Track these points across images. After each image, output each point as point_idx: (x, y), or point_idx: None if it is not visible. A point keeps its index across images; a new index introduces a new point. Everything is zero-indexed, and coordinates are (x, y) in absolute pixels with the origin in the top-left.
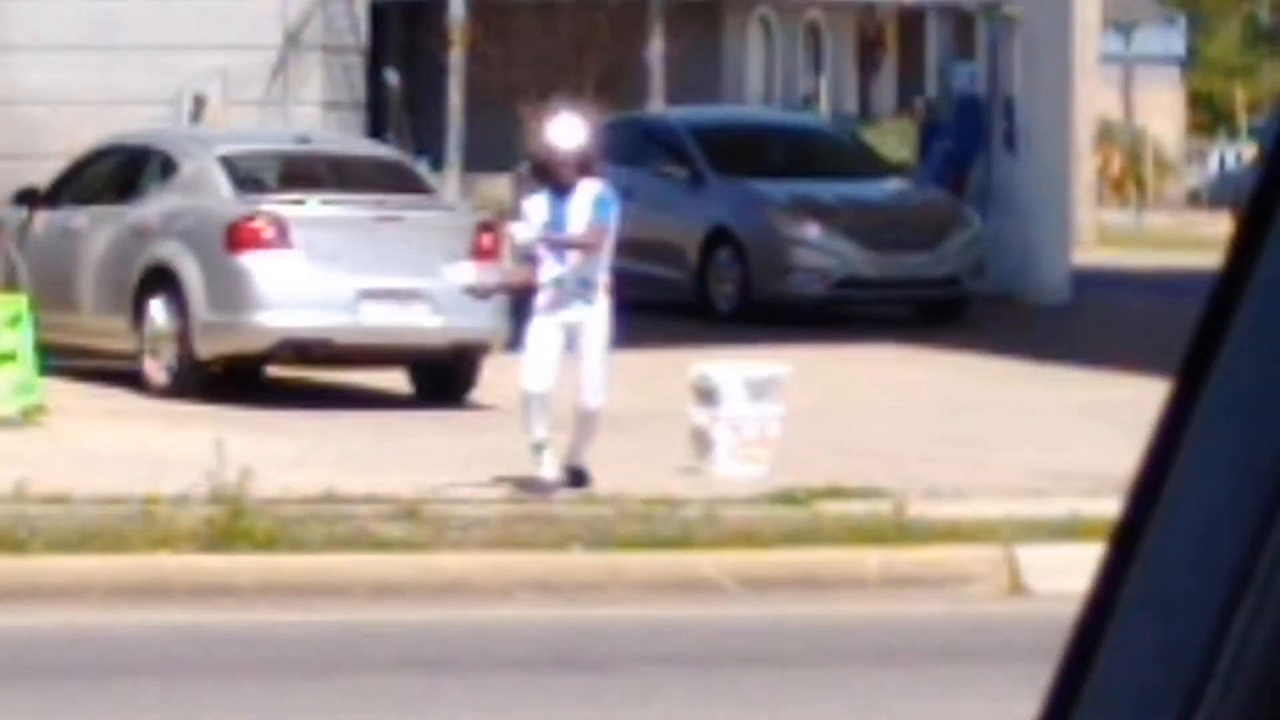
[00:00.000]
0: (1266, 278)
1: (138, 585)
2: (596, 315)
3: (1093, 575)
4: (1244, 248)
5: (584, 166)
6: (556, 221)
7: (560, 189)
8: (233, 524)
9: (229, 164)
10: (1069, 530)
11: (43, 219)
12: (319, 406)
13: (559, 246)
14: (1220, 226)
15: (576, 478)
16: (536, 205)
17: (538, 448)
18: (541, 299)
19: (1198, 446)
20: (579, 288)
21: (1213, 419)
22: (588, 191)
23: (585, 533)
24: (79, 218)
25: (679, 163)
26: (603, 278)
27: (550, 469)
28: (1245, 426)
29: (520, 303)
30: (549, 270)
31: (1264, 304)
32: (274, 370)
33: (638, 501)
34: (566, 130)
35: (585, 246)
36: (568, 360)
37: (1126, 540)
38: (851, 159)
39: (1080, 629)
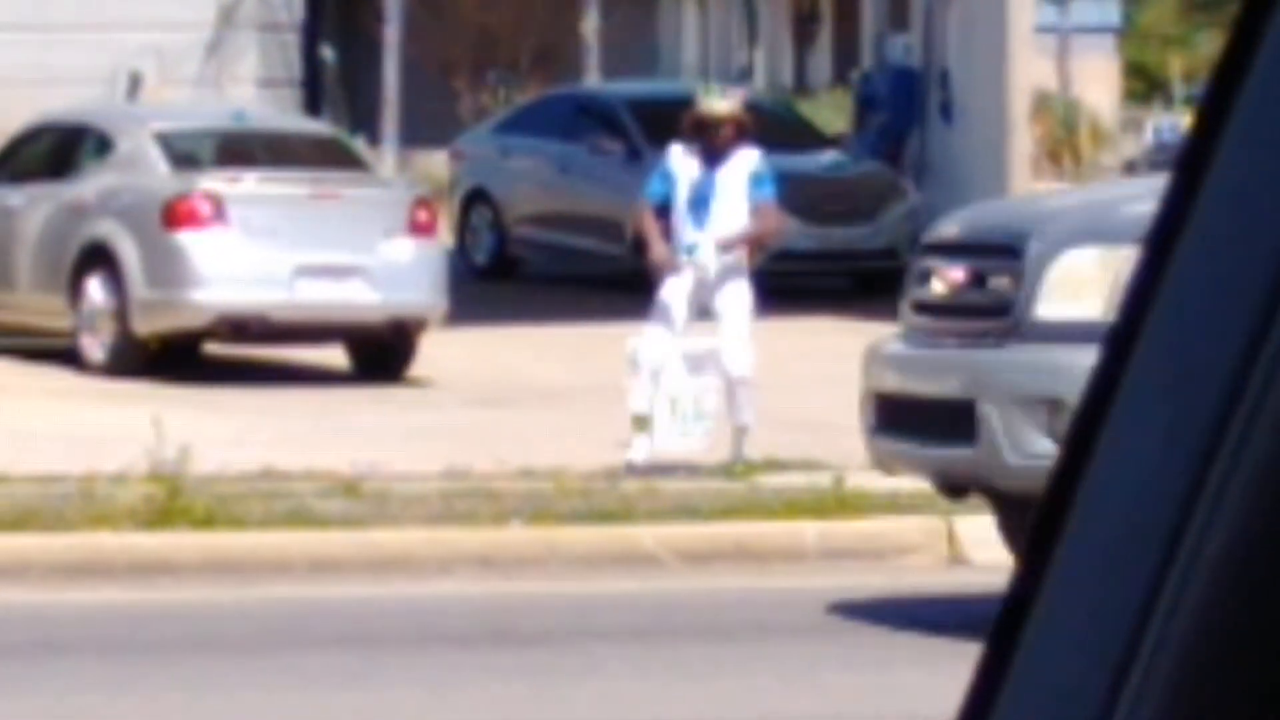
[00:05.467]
0: (1195, 236)
1: (77, 564)
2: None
3: (1024, 543)
4: (1171, 210)
5: (739, 134)
6: (703, 188)
7: (712, 154)
8: (171, 502)
9: (165, 141)
10: None
11: None
12: (257, 383)
13: (731, 244)
14: None
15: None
16: (685, 163)
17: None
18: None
19: (1127, 411)
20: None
21: (1142, 383)
22: (743, 163)
23: (524, 507)
24: (15, 196)
25: (615, 137)
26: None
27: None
28: (1175, 390)
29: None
30: (688, 235)
31: (1191, 265)
32: (212, 347)
33: (576, 476)
34: (720, 96)
35: (767, 234)
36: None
37: (1055, 509)
38: (787, 131)
39: (1010, 597)
